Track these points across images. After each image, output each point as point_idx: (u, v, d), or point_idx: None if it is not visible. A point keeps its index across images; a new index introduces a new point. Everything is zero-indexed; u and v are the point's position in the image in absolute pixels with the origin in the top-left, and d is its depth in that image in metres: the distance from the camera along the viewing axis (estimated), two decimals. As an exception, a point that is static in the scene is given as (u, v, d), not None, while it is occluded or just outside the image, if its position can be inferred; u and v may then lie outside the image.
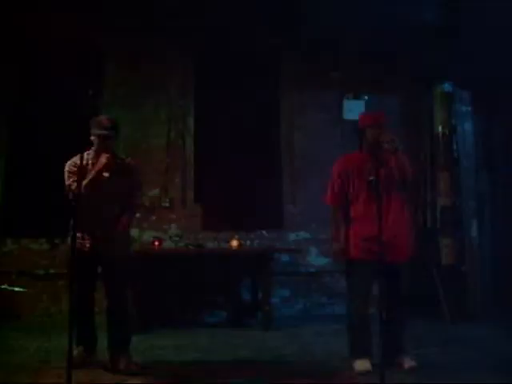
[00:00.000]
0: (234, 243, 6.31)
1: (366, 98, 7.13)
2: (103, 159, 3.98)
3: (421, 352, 4.20)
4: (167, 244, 6.52)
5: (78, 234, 3.99)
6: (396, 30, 6.71)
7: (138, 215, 5.87)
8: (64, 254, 4.98)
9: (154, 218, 6.70)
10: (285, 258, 6.86)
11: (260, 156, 7.08)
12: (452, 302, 6.23)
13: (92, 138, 4.09)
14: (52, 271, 6.38)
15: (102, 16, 6.71)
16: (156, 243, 6.18)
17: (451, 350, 4.70)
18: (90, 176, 3.97)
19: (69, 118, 6.34)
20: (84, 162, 3.96)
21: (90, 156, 4.13)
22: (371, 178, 3.85)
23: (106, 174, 4.01)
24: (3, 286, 6.11)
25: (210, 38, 6.99)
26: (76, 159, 3.99)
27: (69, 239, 3.94)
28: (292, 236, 7.02)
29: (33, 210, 6.41)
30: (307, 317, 6.64)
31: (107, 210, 4.08)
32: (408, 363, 3.97)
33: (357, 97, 7.20)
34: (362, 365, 3.87)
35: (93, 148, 4.14)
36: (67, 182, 4.00)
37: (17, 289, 6.18)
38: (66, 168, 4.05)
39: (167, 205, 6.78)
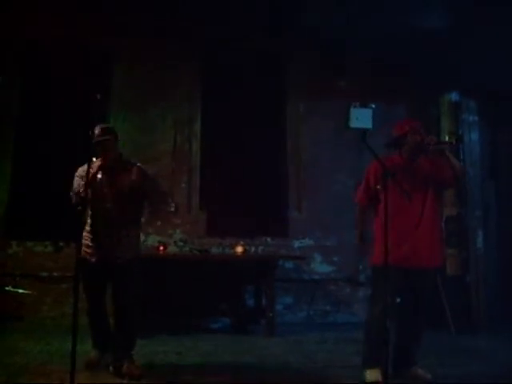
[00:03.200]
0: (239, 249, 6.31)
1: (373, 106, 7.13)
2: (97, 162, 4.02)
3: (424, 363, 4.14)
4: (172, 249, 6.52)
5: (86, 242, 4.05)
6: (404, 38, 6.71)
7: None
8: (70, 258, 4.97)
9: (158, 222, 6.70)
10: (289, 264, 6.86)
11: (266, 162, 7.09)
12: (456, 312, 6.20)
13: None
14: (56, 274, 6.39)
15: (110, 20, 6.75)
16: (161, 248, 6.19)
17: (454, 361, 4.65)
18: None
19: (75, 120, 6.36)
20: (94, 170, 4.00)
21: (97, 164, 4.12)
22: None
23: (99, 176, 4.02)
24: (7, 288, 6.12)
25: (217, 43, 7.01)
26: (85, 166, 3.99)
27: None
28: (296, 243, 7.01)
29: (38, 213, 6.43)
30: (310, 324, 6.62)
31: (113, 214, 4.06)
32: (424, 375, 3.93)
33: (364, 105, 7.20)
34: (372, 375, 3.82)
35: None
36: (76, 188, 4.02)
37: (21, 291, 6.18)
38: (77, 174, 4.09)
39: (172, 210, 6.78)
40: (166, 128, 6.95)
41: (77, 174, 4.09)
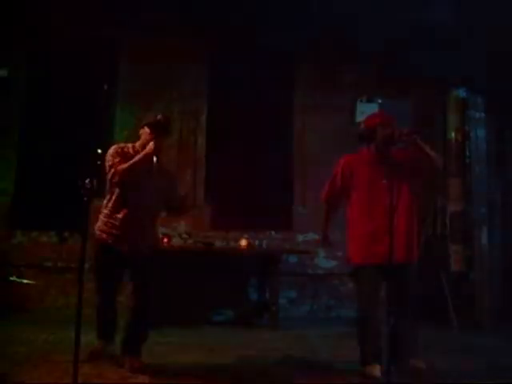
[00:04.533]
0: (243, 243, 6.31)
1: (380, 101, 7.11)
2: (152, 145, 3.80)
3: (425, 360, 4.12)
4: (176, 241, 6.53)
5: (110, 229, 3.90)
6: (410, 33, 6.68)
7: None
8: (74, 248, 4.96)
9: (163, 214, 6.68)
10: (293, 259, 6.85)
11: (271, 156, 7.08)
12: (460, 309, 6.19)
13: (146, 133, 3.96)
14: (60, 264, 6.41)
15: (116, 13, 6.74)
16: (165, 240, 6.19)
17: (456, 358, 4.60)
18: (136, 158, 3.80)
19: (80, 113, 6.37)
20: (130, 152, 3.92)
21: (137, 148, 3.98)
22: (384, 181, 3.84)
23: (155, 159, 3.84)
24: (12, 278, 6.14)
25: (223, 36, 6.99)
26: (121, 145, 3.96)
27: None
28: (301, 237, 7.00)
29: (43, 203, 6.45)
30: (314, 319, 6.62)
31: (148, 203, 3.93)
32: (421, 365, 3.90)
33: (370, 100, 7.17)
34: (371, 371, 3.81)
35: (138, 142, 4.01)
36: (111, 163, 3.78)
37: (25, 281, 6.21)
38: (111, 151, 3.85)
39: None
40: (172, 120, 6.92)
41: (112, 151, 3.86)
